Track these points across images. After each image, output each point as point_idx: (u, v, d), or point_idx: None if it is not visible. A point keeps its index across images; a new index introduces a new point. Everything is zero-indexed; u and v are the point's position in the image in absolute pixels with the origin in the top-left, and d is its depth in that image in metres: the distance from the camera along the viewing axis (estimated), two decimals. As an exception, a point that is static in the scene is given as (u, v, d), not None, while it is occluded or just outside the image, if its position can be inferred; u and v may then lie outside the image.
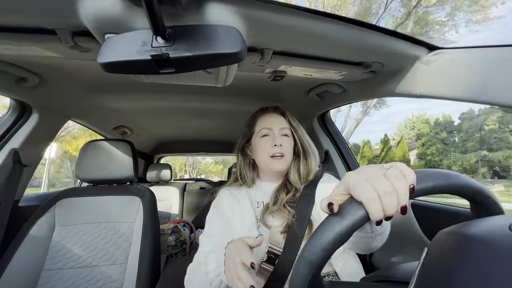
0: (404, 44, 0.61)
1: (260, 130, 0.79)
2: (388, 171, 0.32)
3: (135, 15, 0.44)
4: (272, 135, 0.78)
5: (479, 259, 0.21)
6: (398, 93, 0.76)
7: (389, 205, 0.29)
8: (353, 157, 1.32)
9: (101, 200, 1.08)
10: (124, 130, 1.79)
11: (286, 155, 0.76)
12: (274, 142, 0.75)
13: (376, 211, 0.29)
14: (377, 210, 0.29)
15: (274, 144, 0.75)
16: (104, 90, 1.12)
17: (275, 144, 0.75)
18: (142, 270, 0.93)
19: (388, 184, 0.30)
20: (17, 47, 0.59)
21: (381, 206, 0.29)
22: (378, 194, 0.30)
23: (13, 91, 0.89)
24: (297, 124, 0.82)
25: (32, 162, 1.09)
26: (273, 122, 0.80)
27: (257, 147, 0.79)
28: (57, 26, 0.51)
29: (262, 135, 0.78)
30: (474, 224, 0.26)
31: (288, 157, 0.77)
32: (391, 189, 0.30)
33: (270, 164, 0.76)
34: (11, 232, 0.96)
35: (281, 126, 0.79)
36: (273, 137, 0.77)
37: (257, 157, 0.80)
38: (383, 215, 0.30)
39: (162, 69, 0.37)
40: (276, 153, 0.75)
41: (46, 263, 0.93)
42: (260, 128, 0.79)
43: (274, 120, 0.80)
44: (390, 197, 0.30)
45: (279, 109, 0.84)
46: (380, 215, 0.29)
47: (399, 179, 0.30)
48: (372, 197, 0.30)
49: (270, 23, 0.51)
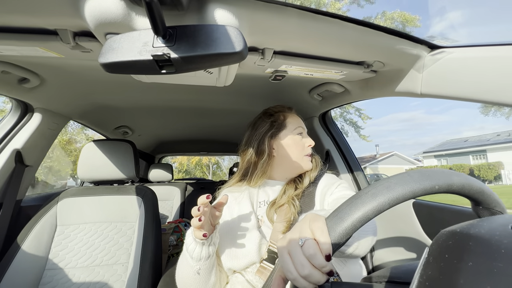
0: (406, 43, 0.61)
1: (297, 127, 0.80)
2: (304, 246, 0.33)
3: (136, 15, 0.44)
4: (304, 135, 0.82)
5: (482, 259, 0.21)
6: (400, 93, 0.76)
7: None
8: (354, 157, 1.32)
9: (102, 200, 1.08)
10: (125, 130, 1.80)
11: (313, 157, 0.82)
12: (309, 142, 0.80)
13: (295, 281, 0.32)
14: None
15: (309, 144, 0.79)
16: (105, 90, 1.12)
17: (310, 144, 0.80)
18: (143, 270, 0.94)
19: (303, 261, 0.32)
20: (19, 48, 0.59)
21: None
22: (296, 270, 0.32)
23: (15, 91, 0.90)
24: None
25: (34, 162, 1.09)
26: (302, 123, 0.83)
27: (291, 143, 0.78)
28: (58, 26, 0.52)
29: (298, 132, 0.80)
30: (476, 224, 0.25)
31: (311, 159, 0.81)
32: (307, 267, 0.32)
33: (303, 162, 0.78)
34: (13, 231, 0.97)
35: (306, 130, 0.84)
36: (306, 137, 0.81)
37: (286, 153, 0.78)
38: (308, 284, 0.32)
39: (163, 69, 0.37)
40: (309, 153, 0.80)
41: (49, 262, 0.94)
42: (296, 125, 0.81)
43: (302, 121, 0.84)
44: None
45: (297, 113, 0.87)
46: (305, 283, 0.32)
47: (313, 257, 0.32)
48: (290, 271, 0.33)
49: (271, 22, 0.51)
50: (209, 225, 0.59)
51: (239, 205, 0.76)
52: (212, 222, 0.60)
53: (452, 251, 0.24)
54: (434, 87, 0.64)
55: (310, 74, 0.79)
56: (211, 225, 0.60)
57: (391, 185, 0.31)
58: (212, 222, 0.60)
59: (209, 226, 0.59)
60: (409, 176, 0.32)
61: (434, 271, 0.24)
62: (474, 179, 0.33)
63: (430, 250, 0.26)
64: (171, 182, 2.42)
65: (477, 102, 0.57)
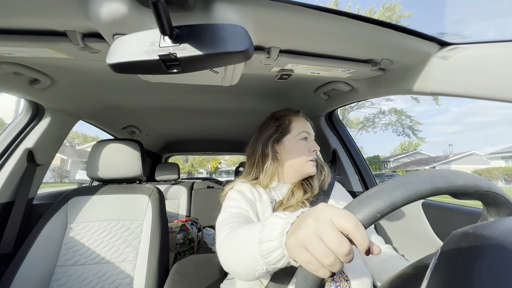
0: (414, 40, 0.59)
1: (301, 132, 0.79)
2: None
3: (143, 15, 0.44)
4: (309, 140, 0.80)
5: (496, 262, 0.21)
6: (408, 91, 0.75)
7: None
8: (361, 156, 1.30)
9: (111, 198, 1.10)
10: (133, 129, 1.82)
11: (317, 161, 0.80)
12: (314, 148, 0.78)
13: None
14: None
15: (313, 150, 0.78)
16: (114, 90, 1.14)
17: (314, 149, 0.78)
18: (151, 267, 0.95)
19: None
20: (30, 49, 0.60)
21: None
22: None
23: (27, 92, 0.92)
24: None
25: (45, 161, 1.12)
26: (309, 127, 0.82)
27: (294, 148, 0.78)
28: (67, 28, 0.53)
29: (302, 137, 0.79)
30: (490, 225, 0.25)
31: (316, 163, 0.80)
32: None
33: (305, 167, 0.77)
34: (26, 229, 0.99)
35: (313, 133, 0.83)
36: (310, 142, 0.80)
37: (289, 158, 0.78)
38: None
39: (170, 69, 0.37)
40: (313, 158, 0.78)
41: (60, 259, 0.96)
42: (300, 130, 0.80)
43: (308, 126, 0.83)
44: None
45: (305, 115, 0.86)
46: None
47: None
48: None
49: (277, 21, 0.51)
50: None
51: (259, 195, 0.74)
52: None
53: (465, 253, 0.23)
54: (444, 85, 0.62)
55: (316, 73, 0.78)
56: None
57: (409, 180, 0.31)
58: None
59: None
60: None
61: (446, 274, 0.23)
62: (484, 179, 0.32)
63: (441, 252, 0.26)
64: (178, 181, 2.44)
65: (489, 100, 0.55)
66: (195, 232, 1.68)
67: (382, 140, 54.76)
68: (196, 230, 1.71)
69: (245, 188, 0.76)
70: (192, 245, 1.64)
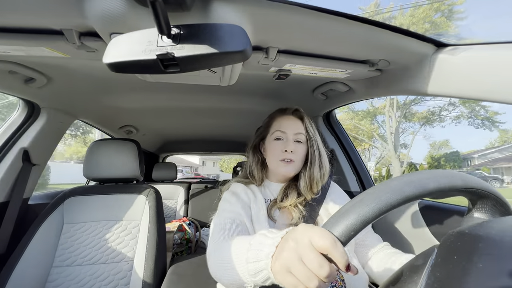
0: (411, 41, 0.60)
1: (274, 132, 0.77)
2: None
3: (141, 14, 0.44)
4: (285, 139, 0.76)
5: (492, 261, 0.21)
6: (405, 91, 0.75)
7: None
8: (359, 156, 1.31)
9: (107, 198, 1.09)
10: (130, 129, 1.81)
11: (296, 161, 0.74)
12: (286, 148, 0.74)
13: None
14: None
15: (285, 149, 0.74)
16: (111, 89, 1.13)
17: (286, 149, 0.73)
18: (148, 268, 0.94)
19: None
20: (26, 48, 0.60)
21: None
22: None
23: (22, 91, 0.91)
24: (314, 131, 0.78)
25: (41, 161, 1.11)
26: (289, 125, 0.77)
27: (269, 148, 0.78)
28: (64, 26, 0.52)
29: (275, 137, 0.77)
30: (486, 225, 0.25)
31: (297, 163, 0.75)
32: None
33: (278, 167, 0.75)
34: (21, 230, 0.98)
35: (296, 131, 0.76)
36: (286, 142, 0.75)
37: (268, 158, 0.80)
38: None
39: (168, 68, 0.37)
40: (286, 158, 0.74)
41: (55, 260, 0.95)
42: (275, 130, 0.77)
43: (291, 124, 0.77)
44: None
45: (298, 113, 0.80)
46: None
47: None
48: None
49: (275, 21, 0.51)
50: None
51: (254, 196, 0.75)
52: None
53: (461, 252, 0.23)
54: (441, 86, 0.63)
55: (314, 73, 0.78)
56: None
57: None
58: None
59: None
60: None
61: (442, 273, 0.23)
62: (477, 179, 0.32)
63: (438, 251, 0.26)
64: (175, 181, 2.43)
65: (486, 101, 0.56)
66: (193, 232, 1.68)
67: (453, 135, 46.26)
68: (193, 230, 1.70)
69: (240, 189, 0.77)
70: (190, 245, 1.64)
